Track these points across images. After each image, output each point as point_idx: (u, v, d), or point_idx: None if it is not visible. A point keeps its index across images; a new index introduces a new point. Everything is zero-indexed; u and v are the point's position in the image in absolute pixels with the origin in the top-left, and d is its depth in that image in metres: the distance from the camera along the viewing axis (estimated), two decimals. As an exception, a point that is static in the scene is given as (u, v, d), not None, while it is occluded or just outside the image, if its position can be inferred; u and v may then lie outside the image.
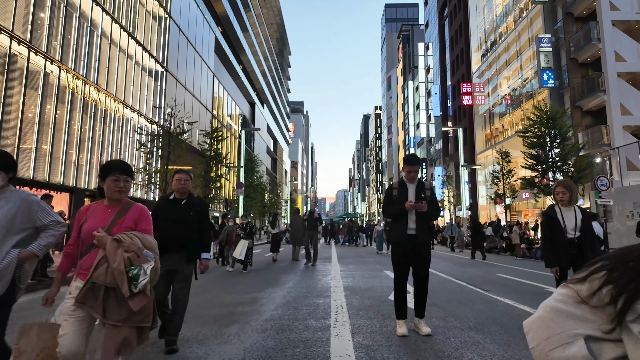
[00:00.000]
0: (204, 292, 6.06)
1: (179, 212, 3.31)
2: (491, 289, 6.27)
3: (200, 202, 3.52)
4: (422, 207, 3.44)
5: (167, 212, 3.30)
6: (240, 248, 8.89)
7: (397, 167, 74.25)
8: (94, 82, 18.01)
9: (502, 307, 4.83)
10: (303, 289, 6.27)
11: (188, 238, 3.24)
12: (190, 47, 28.89)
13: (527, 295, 5.76)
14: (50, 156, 15.54)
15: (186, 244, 3.22)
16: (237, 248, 8.99)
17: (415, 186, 3.67)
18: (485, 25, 35.47)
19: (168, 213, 3.29)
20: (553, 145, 15.44)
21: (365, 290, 6.07)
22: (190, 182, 3.48)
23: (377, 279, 7.51)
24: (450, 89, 43.23)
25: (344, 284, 6.79)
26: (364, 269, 9.34)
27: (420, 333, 3.50)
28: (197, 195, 3.62)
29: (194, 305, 4.99)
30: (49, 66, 15.49)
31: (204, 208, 3.49)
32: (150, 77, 23.41)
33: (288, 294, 5.74)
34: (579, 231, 3.40)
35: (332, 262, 11.16)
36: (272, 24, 66.76)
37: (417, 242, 3.53)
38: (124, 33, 20.62)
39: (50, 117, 15.66)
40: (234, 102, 42.18)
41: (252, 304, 5.08)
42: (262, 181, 35.19)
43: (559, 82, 23.40)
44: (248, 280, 7.52)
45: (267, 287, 6.54)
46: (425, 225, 3.58)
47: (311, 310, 4.61)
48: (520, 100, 28.08)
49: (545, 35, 23.81)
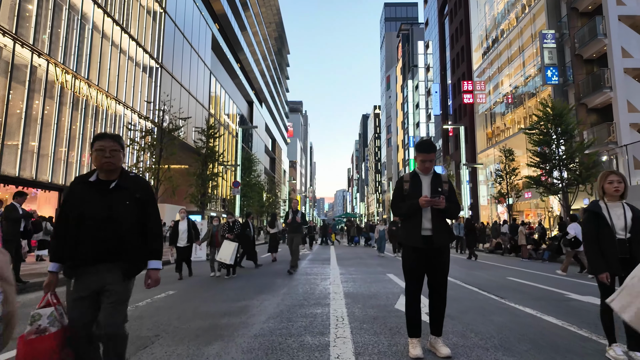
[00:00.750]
0: (188, 300, 5.47)
1: (106, 201, 2.12)
2: (506, 295, 5.69)
3: (141, 185, 2.27)
4: (439, 202, 2.86)
5: (85, 203, 2.10)
6: (227, 250, 7.92)
7: (397, 166, 73.72)
8: (84, 77, 17.39)
9: (524, 318, 4.25)
10: (299, 295, 5.67)
11: (122, 242, 2.12)
12: (186, 44, 28.26)
13: (548, 302, 5.18)
14: (38, 153, 14.91)
15: (120, 250, 2.12)
16: (221, 250, 8.00)
17: (430, 179, 3.08)
18: (486, 23, 34.94)
19: (87, 204, 2.10)
20: (559, 143, 14.88)
21: (368, 297, 5.48)
22: (122, 155, 2.24)
23: (380, 283, 6.92)
24: (450, 88, 42.69)
25: (345, 289, 6.21)
26: (366, 272, 8.76)
27: (438, 354, 2.91)
28: (135, 173, 2.35)
29: (173, 316, 4.40)
30: (36, 59, 14.87)
31: (147, 193, 2.28)
32: (144, 73, 22.79)
33: (282, 302, 5.14)
34: (629, 232, 2.83)
35: (332, 265, 10.57)
36: (270, 23, 66.19)
37: (433, 244, 2.94)
38: (117, 27, 20.00)
39: (38, 113, 15.04)
40: (232, 101, 41.57)
41: (240, 314, 4.48)
42: (259, 180, 34.57)
43: (563, 79, 22.87)
44: (239, 285, 6.91)
45: (259, 293, 5.94)
46: (443, 225, 3.00)
47: (307, 322, 4.02)
48: (523, 98, 27.55)
49: (549, 31, 23.27)
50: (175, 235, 8.15)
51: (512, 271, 9.53)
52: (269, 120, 63.96)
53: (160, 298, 5.59)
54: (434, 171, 3.09)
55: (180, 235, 8.14)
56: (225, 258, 7.84)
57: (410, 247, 2.99)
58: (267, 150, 62.12)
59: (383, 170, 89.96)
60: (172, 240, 8.23)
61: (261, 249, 18.60)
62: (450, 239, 3.02)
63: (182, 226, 8.24)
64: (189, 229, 8.20)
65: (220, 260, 7.91)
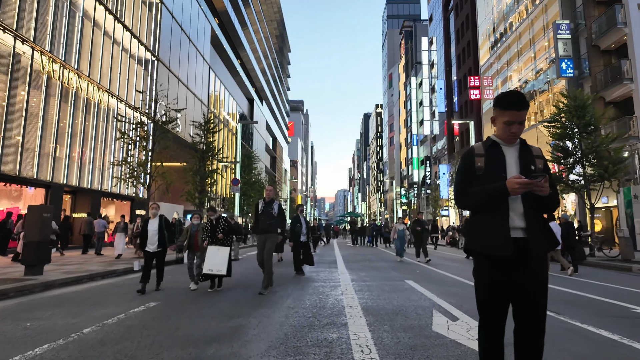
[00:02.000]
0: (168, 316, 4.41)
1: None
2: (564, 310, 4.64)
3: None
4: (541, 187, 1.81)
5: None
6: (217, 258, 6.17)
7: (399, 165, 72.66)
8: (74, 67, 16.35)
9: (608, 346, 3.21)
10: (307, 310, 4.62)
11: None
12: (184, 37, 27.22)
13: (616, 320, 4.14)
14: (22, 147, 13.89)
15: None
16: (209, 257, 6.19)
17: (517, 151, 2.00)
18: (494, 16, 33.85)
19: None
20: (582, 136, 13.79)
21: (392, 313, 4.42)
22: None
23: (401, 293, 5.87)
24: (455, 84, 41.61)
25: (361, 301, 5.15)
26: (379, 277, 7.71)
27: None
28: None
29: (145, 341, 3.35)
30: (20, 46, 13.84)
31: None
32: (139, 66, 21.75)
33: (286, 321, 4.10)
34: None
35: (340, 269, 9.52)
36: (271, 20, 65.22)
37: (530, 252, 1.88)
38: (110, 16, 18.96)
39: (23, 104, 14.02)
40: (232, 97, 40.55)
41: (232, 339, 3.44)
42: (259, 178, 33.50)
43: (578, 71, 21.79)
44: (234, 296, 5.83)
45: (257, 307, 4.89)
46: (540, 223, 1.94)
47: (322, 356, 2.97)
48: (534, 93, 26.46)
49: (564, 21, 22.19)
50: (144, 236, 6.43)
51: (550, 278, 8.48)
52: (269, 118, 62.97)
53: (135, 313, 4.55)
54: (520, 140, 2.03)
55: (150, 237, 6.38)
56: (218, 268, 6.13)
57: (489, 256, 1.93)
58: (268, 148, 61.13)
59: (385, 169, 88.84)
60: (141, 243, 6.51)
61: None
62: (553, 243, 1.96)
63: (152, 226, 6.43)
64: (160, 229, 6.41)
65: (211, 272, 6.11)
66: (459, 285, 6.75)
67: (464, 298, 5.41)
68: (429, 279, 7.66)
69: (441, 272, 8.87)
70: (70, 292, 6.36)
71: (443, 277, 8.06)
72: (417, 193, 53.90)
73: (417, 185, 55.67)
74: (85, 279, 7.85)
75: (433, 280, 7.45)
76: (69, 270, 8.62)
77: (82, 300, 5.52)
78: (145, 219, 6.57)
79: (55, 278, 7.24)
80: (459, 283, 7.10)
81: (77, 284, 7.29)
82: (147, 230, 6.40)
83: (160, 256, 6.44)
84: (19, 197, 14.73)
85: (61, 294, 6.16)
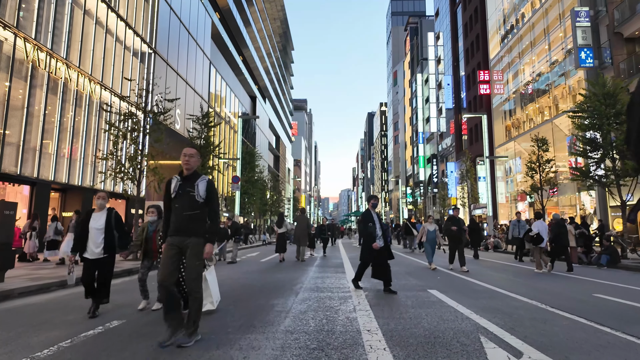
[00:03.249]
0: (123, 348, 3.28)
1: None
2: (617, 325, 3.47)
3: None
4: None
5: None
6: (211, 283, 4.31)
7: (404, 164, 71.34)
8: (63, 57, 15.33)
9: None
10: (310, 337, 3.47)
11: None
12: (183, 30, 26.18)
13: None
14: (3, 141, 12.87)
15: None
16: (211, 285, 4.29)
17: None
18: (504, 6, 32.57)
19: None
20: (613, 127, 12.56)
21: (428, 343, 3.25)
22: None
23: (428, 309, 4.69)
24: (464, 79, 40.30)
25: (381, 322, 3.99)
26: (395, 285, 6.51)
27: None
28: None
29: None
30: (2, 32, 12.83)
31: None
32: (135, 58, 20.72)
33: (282, 355, 2.96)
34: None
35: (348, 274, 8.38)
36: (275, 19, 64.25)
37: None
38: (103, 4, 17.94)
39: (5, 95, 13.01)
40: (233, 94, 39.53)
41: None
42: (262, 176, 32.41)
43: (598, 61, 20.50)
44: (219, 311, 4.70)
45: (246, 328, 3.75)
46: None
47: None
48: (549, 85, 25.17)
49: (583, 8, 20.91)
50: (82, 236, 4.46)
51: (584, 283, 7.29)
52: (273, 117, 61.95)
53: (80, 342, 3.41)
54: None
55: (92, 237, 4.44)
56: (215, 296, 4.39)
57: None
58: (271, 147, 60.10)
59: (389, 168, 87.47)
60: (74, 244, 4.49)
61: (263, 250, 16.56)
62: None
63: (96, 222, 4.51)
64: (108, 227, 4.50)
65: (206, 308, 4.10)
66: (494, 296, 5.59)
67: (511, 317, 4.25)
68: (455, 287, 6.50)
69: (466, 279, 7.70)
70: (28, 304, 5.27)
71: (470, 284, 6.90)
72: (423, 192, 52.62)
73: (423, 184, 54.38)
74: (54, 286, 6.78)
75: (460, 289, 6.30)
76: (39, 276, 7.55)
77: (32, 315, 4.40)
78: (88, 211, 4.63)
79: (14, 287, 6.17)
80: (493, 293, 5.94)
81: (43, 293, 6.21)
82: (89, 227, 4.46)
83: (105, 265, 4.48)
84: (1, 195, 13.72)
85: (15, 307, 5.08)
